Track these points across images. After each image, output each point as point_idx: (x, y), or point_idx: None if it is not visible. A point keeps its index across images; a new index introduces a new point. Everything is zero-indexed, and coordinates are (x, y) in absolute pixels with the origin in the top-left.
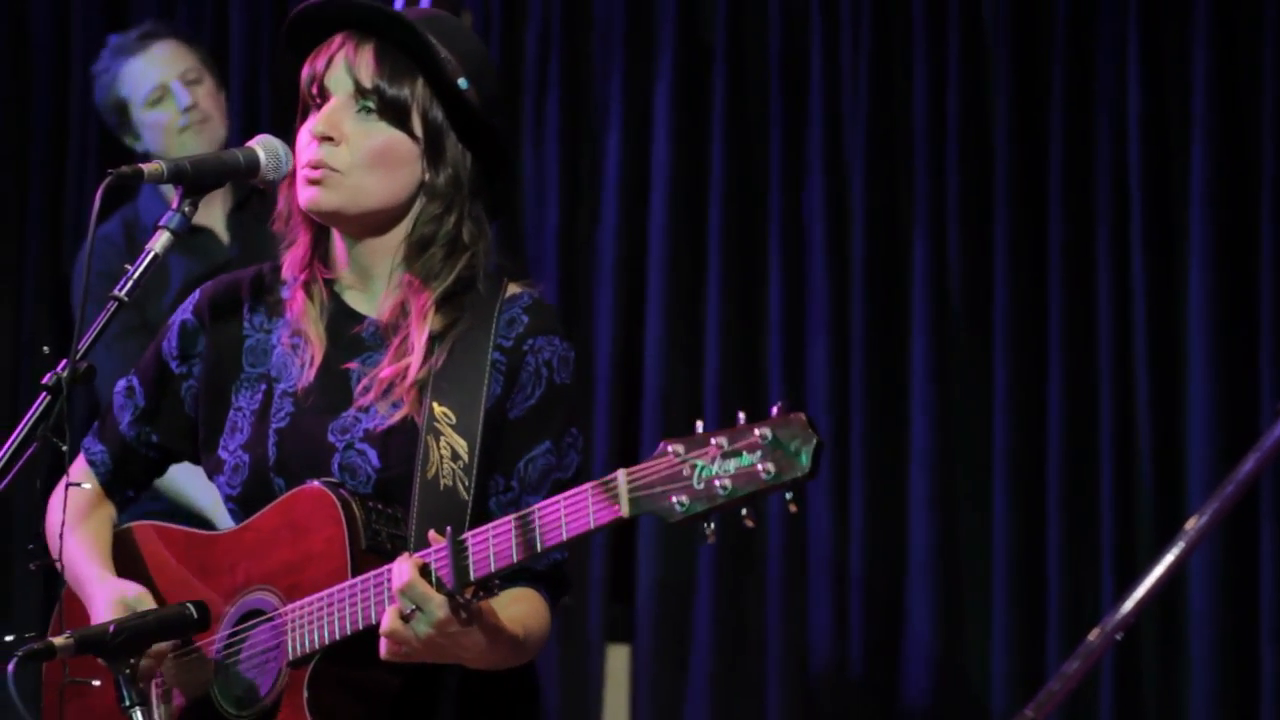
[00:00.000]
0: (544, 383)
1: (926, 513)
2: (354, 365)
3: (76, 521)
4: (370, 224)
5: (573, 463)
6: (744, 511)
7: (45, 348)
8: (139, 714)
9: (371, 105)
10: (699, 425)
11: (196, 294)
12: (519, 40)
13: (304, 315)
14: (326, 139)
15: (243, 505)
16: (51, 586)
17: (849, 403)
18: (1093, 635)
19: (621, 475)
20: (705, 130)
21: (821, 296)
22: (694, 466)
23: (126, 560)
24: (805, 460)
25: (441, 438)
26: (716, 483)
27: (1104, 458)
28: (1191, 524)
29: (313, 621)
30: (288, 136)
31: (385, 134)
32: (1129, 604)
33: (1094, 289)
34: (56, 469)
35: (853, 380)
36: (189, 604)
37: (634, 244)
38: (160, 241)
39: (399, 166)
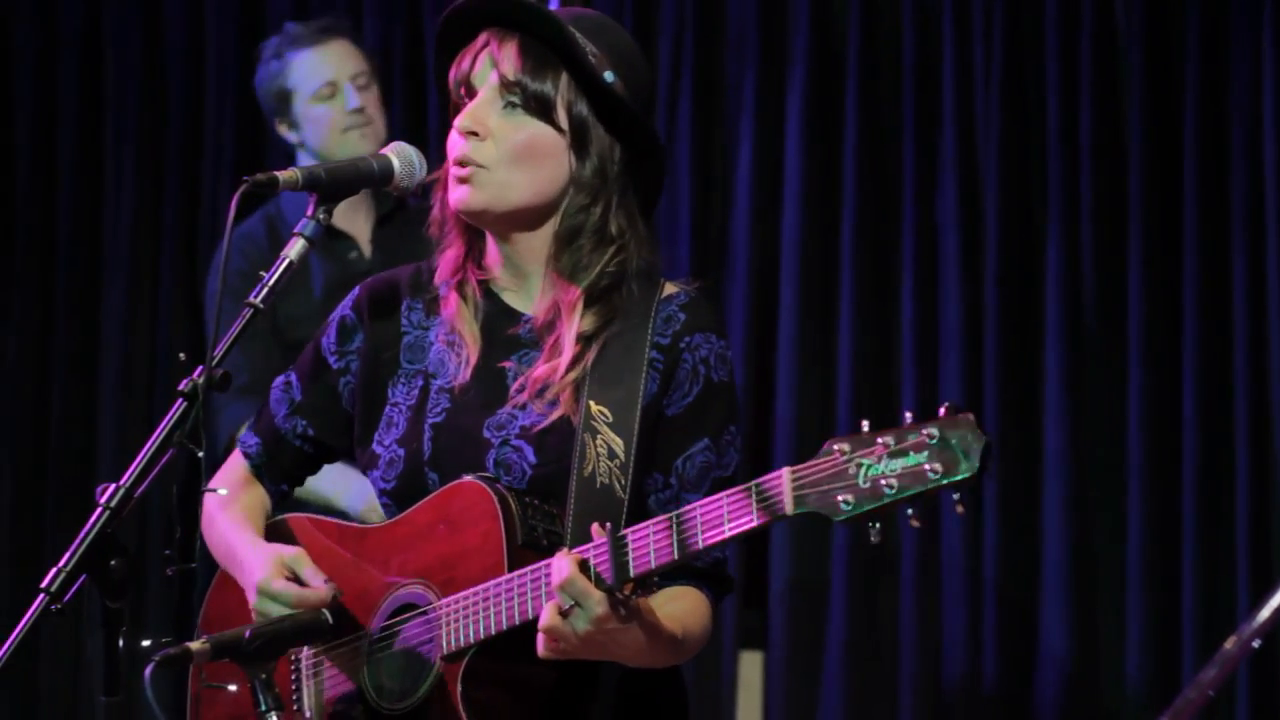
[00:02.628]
0: (701, 380)
1: (1060, 519)
2: (510, 363)
3: (225, 501)
4: (519, 221)
5: (732, 460)
6: (910, 511)
7: (181, 354)
8: (274, 719)
9: (516, 100)
10: (864, 424)
11: (356, 290)
12: (652, 50)
13: (458, 316)
14: (472, 134)
15: (396, 500)
16: (188, 592)
17: (982, 409)
18: (1229, 643)
19: (786, 473)
20: (837, 139)
21: (954, 303)
22: (860, 465)
23: None
24: (974, 460)
25: (599, 436)
26: (883, 482)
27: (1239, 463)
28: None
29: (468, 616)
30: (417, 142)
31: (530, 128)
32: (1266, 611)
33: (1229, 293)
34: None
35: (986, 386)
36: (325, 611)
37: (766, 253)
38: (296, 249)
39: (545, 160)
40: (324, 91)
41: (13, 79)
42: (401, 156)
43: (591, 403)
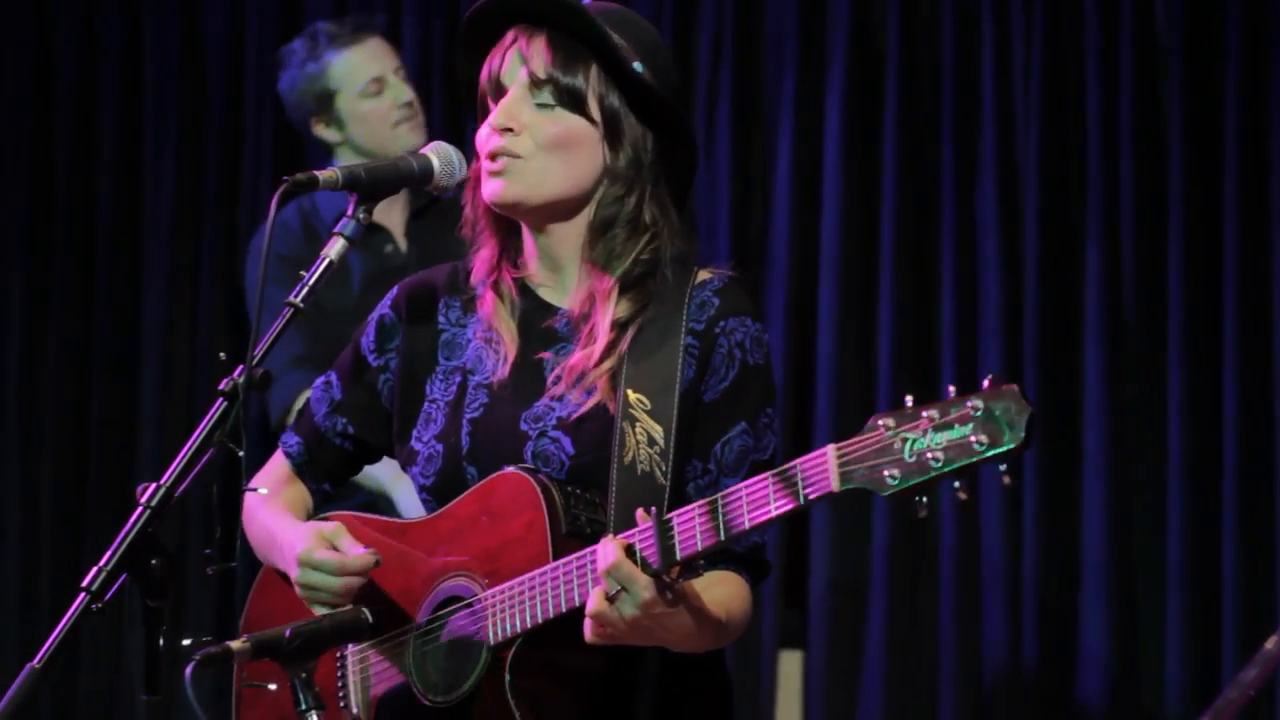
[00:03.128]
0: (737, 364)
1: (1100, 519)
2: (547, 357)
3: (265, 498)
4: (554, 212)
5: (770, 444)
6: (957, 485)
7: (222, 354)
8: (314, 718)
9: (548, 94)
10: (909, 399)
11: (394, 290)
12: (691, 48)
13: (495, 313)
14: (506, 130)
15: (436, 495)
16: (228, 591)
17: None
18: (1270, 643)
19: (831, 450)
20: (877, 137)
21: (994, 301)
22: (905, 440)
23: None
24: (1019, 431)
25: (637, 424)
26: (929, 455)
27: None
28: None
29: (514, 606)
30: (456, 142)
31: (563, 120)
32: None
33: (1269, 292)
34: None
35: (1025, 384)
36: (365, 609)
37: (806, 249)
38: (336, 248)
39: (579, 151)
40: (371, 88)
41: (53, 80)
42: (441, 156)
43: (629, 391)
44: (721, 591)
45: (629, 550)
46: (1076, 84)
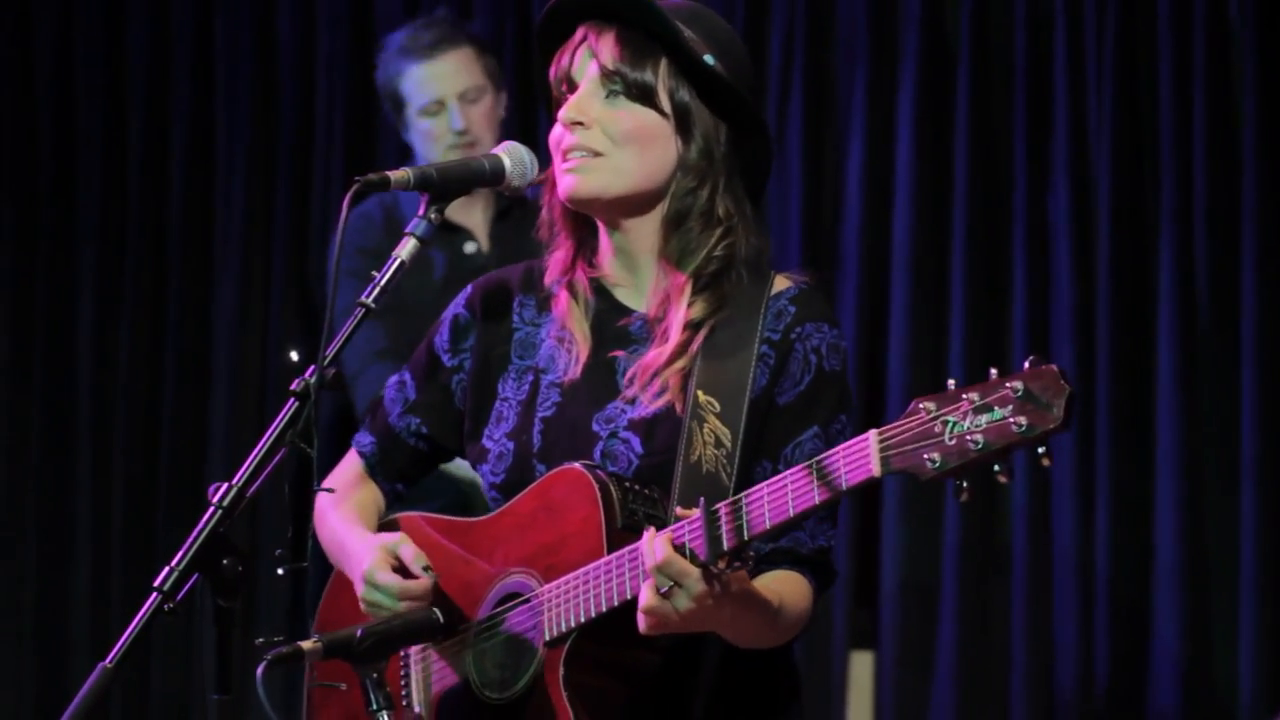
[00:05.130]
0: (813, 369)
1: (1172, 519)
2: (620, 356)
3: (337, 499)
4: (629, 207)
5: None
6: (997, 468)
7: (293, 354)
8: (385, 718)
9: (618, 88)
10: (951, 383)
11: (469, 289)
12: (763, 47)
13: (569, 313)
14: (577, 124)
15: (505, 493)
16: (300, 591)
17: (1094, 408)
18: None
19: (872, 434)
20: (948, 137)
21: (1066, 302)
22: (945, 423)
23: None
24: (1058, 412)
25: (705, 425)
26: (969, 438)
27: None
28: None
29: (568, 600)
30: (528, 139)
31: (635, 114)
32: None
33: None
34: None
35: (1098, 386)
36: (435, 609)
37: (877, 250)
38: (407, 249)
39: (652, 144)
40: (431, 108)
41: (125, 81)
42: (513, 156)
43: (699, 392)
44: (775, 581)
45: (677, 546)
46: (1149, 83)
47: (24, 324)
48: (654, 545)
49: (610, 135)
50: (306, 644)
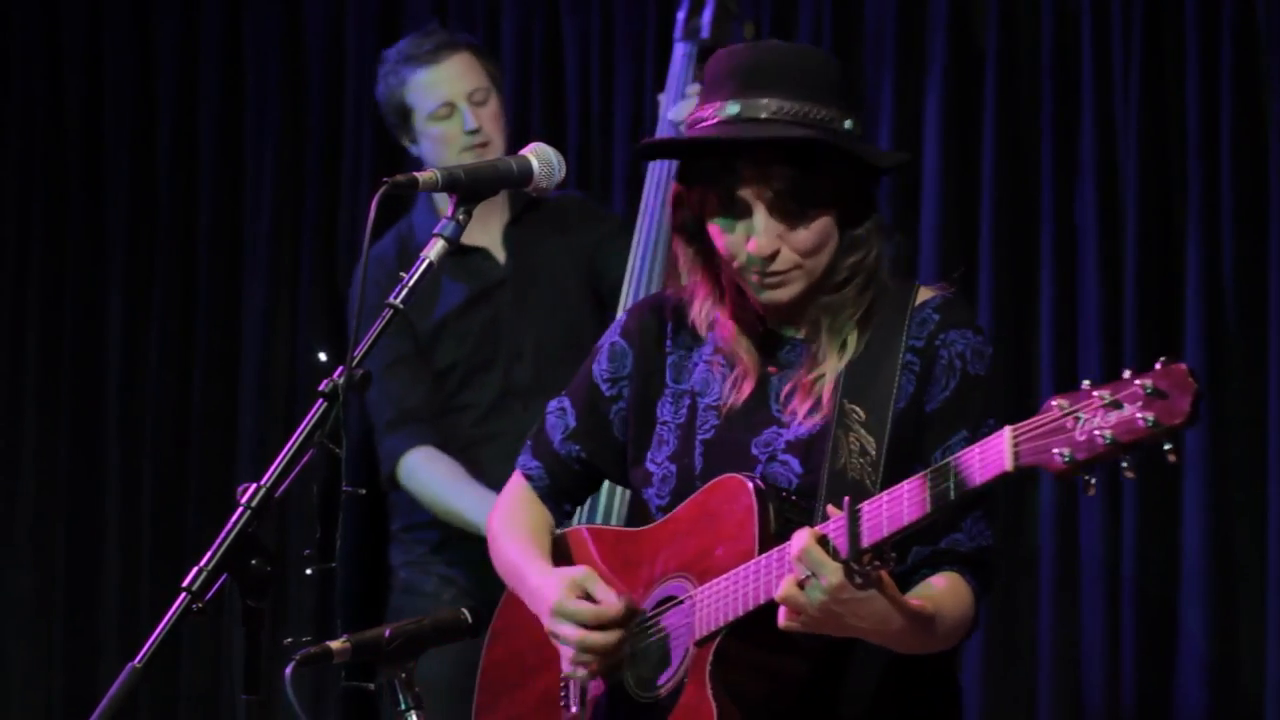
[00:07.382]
0: (958, 374)
1: (1200, 521)
2: (775, 380)
3: (510, 523)
4: None
5: None
6: (1124, 464)
7: (322, 355)
8: (414, 718)
9: (792, 207)
10: (1085, 383)
11: (624, 316)
12: None
13: (735, 339)
14: (774, 253)
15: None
16: (328, 592)
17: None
18: None
19: (1006, 430)
20: (976, 139)
21: (1093, 303)
22: (1077, 419)
23: (559, 562)
24: (1185, 408)
25: (851, 433)
26: (1097, 433)
27: None
28: None
29: (719, 600)
30: (556, 143)
31: (814, 223)
32: None
33: None
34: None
35: None
36: (464, 609)
37: (904, 252)
38: (435, 250)
39: (832, 236)
40: (441, 112)
41: (154, 81)
42: (540, 157)
43: (845, 400)
44: (932, 588)
45: (821, 540)
46: (1177, 83)
47: (53, 325)
48: (798, 535)
49: (799, 251)
50: (335, 644)
